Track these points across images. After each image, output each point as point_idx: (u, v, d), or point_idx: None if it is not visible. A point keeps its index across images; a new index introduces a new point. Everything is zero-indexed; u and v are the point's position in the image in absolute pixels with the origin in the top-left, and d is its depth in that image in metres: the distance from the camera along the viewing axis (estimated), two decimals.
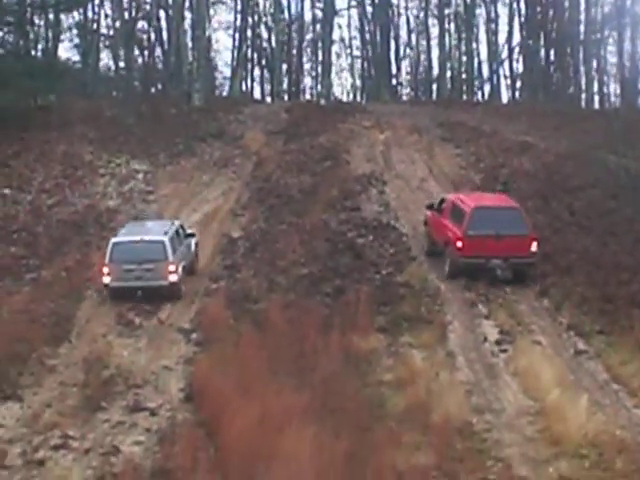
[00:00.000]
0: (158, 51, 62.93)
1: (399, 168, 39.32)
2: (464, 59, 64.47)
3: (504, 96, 64.97)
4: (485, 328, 24.75)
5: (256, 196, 35.99)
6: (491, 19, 64.30)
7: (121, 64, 55.84)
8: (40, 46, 53.86)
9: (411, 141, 43.14)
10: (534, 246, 27.32)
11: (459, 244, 27.26)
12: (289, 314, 24.70)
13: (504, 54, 65.30)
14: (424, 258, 29.82)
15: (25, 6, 48.40)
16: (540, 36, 61.46)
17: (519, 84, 65.11)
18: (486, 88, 65.71)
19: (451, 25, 65.47)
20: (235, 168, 39.70)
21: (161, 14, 61.11)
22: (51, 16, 53.29)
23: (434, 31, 65.14)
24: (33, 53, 51.99)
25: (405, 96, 67.86)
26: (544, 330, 24.62)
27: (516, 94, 64.73)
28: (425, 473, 17.19)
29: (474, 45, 64.31)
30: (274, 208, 34.43)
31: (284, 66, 64.28)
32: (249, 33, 64.45)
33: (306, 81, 69.57)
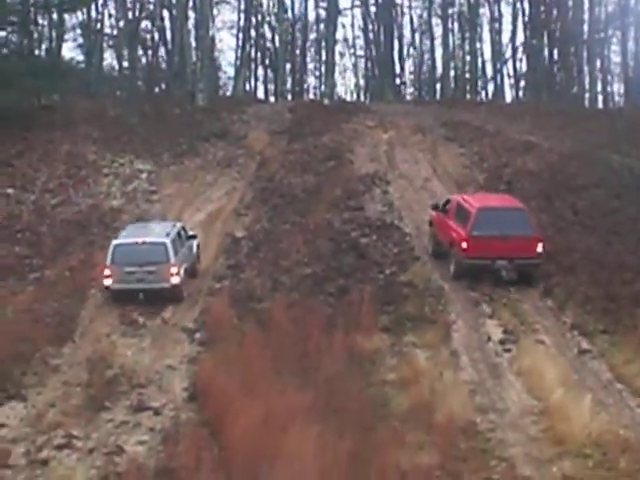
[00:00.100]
0: (162, 51, 62.85)
1: (403, 168, 39.30)
2: (468, 59, 64.40)
3: (508, 95, 64.91)
4: (489, 327, 24.74)
5: (260, 196, 35.99)
6: (495, 18, 64.18)
7: (125, 64, 55.84)
8: (44, 46, 53.74)
9: (415, 141, 43.11)
10: (540, 247, 27.17)
11: (464, 245, 27.12)
12: (293, 314, 24.70)
13: (508, 53, 65.20)
14: (428, 258, 29.80)
15: (29, 6, 48.37)
16: (544, 35, 61.31)
17: (523, 83, 65.01)
18: (490, 88, 65.66)
19: (455, 25, 65.49)
20: (239, 168, 39.70)
21: (165, 14, 61.02)
22: (55, 16, 53.12)
23: (438, 31, 65.21)
24: (37, 53, 51.88)
25: (409, 96, 67.78)
26: (548, 329, 24.61)
27: (520, 93, 64.66)
28: (429, 473, 17.21)
29: (478, 45, 64.19)
30: (278, 208, 34.43)
31: (288, 66, 64.21)
32: (253, 33, 64.31)
33: (310, 81, 69.50)
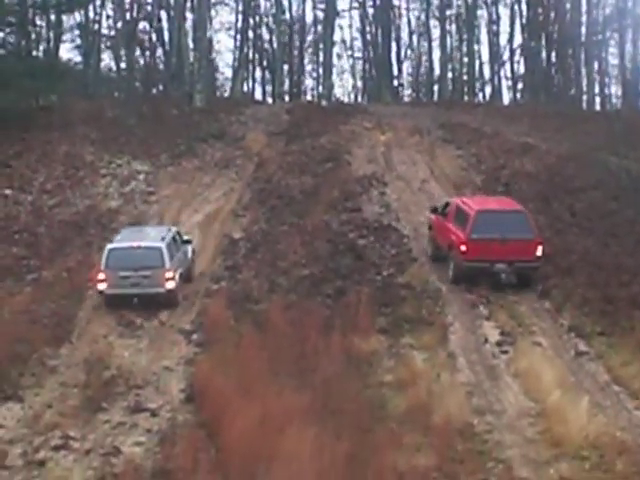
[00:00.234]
0: (159, 52, 62.95)
1: (400, 169, 39.31)
2: (465, 60, 64.51)
3: (505, 97, 65.12)
4: (486, 329, 24.73)
5: (257, 197, 35.99)
6: (492, 20, 64.33)
7: (122, 65, 55.96)
8: (41, 47, 53.82)
9: (412, 142, 43.13)
10: (539, 250, 26.97)
11: (463, 248, 26.90)
12: (290, 315, 24.69)
13: (505, 55, 65.44)
14: (425, 259, 29.80)
15: (26, 7, 48.35)
16: (541, 38, 61.45)
17: (520, 85, 65.14)
18: (487, 89, 65.81)
19: (452, 26, 65.63)
20: (236, 169, 39.70)
21: (162, 15, 61.22)
22: (52, 17, 53.20)
23: (435, 32, 65.32)
24: (34, 54, 51.91)
25: (406, 97, 67.85)
26: (545, 331, 24.61)
27: (517, 95, 64.77)
28: (426, 474, 17.20)
29: (475, 46, 64.35)
30: (275, 209, 34.43)
31: (285, 67, 64.31)
32: (250, 34, 64.47)
33: (307, 82, 69.70)
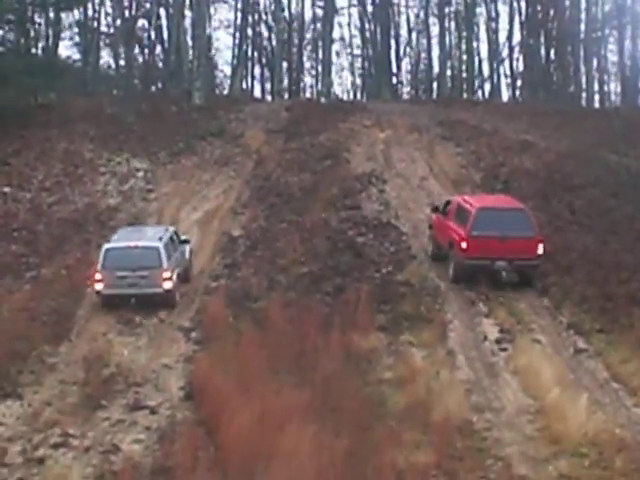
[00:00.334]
0: (158, 49, 62.87)
1: (399, 167, 39.30)
2: (464, 58, 64.42)
3: (504, 95, 65.01)
4: (485, 327, 24.75)
5: (256, 195, 35.98)
6: (491, 18, 64.23)
7: (121, 62, 55.82)
8: (40, 44, 53.82)
9: (411, 140, 43.11)
10: (540, 248, 26.91)
11: (463, 245, 26.86)
12: (289, 313, 24.69)
13: (504, 53, 65.32)
14: (424, 257, 29.80)
15: (26, 4, 48.37)
16: (541, 35, 61.39)
17: (519, 83, 65.06)
18: (486, 87, 65.71)
19: (451, 24, 65.52)
20: (235, 167, 39.69)
21: (161, 12, 61.11)
22: (51, 14, 53.22)
23: (434, 30, 65.19)
24: (33, 51, 51.94)
25: (405, 95, 67.80)
26: (544, 329, 24.62)
27: (516, 93, 64.72)
28: (425, 472, 17.20)
29: (474, 44, 64.27)
30: (274, 207, 34.43)
31: (284, 65, 64.21)
32: (249, 32, 64.38)
33: (306, 80, 69.60)
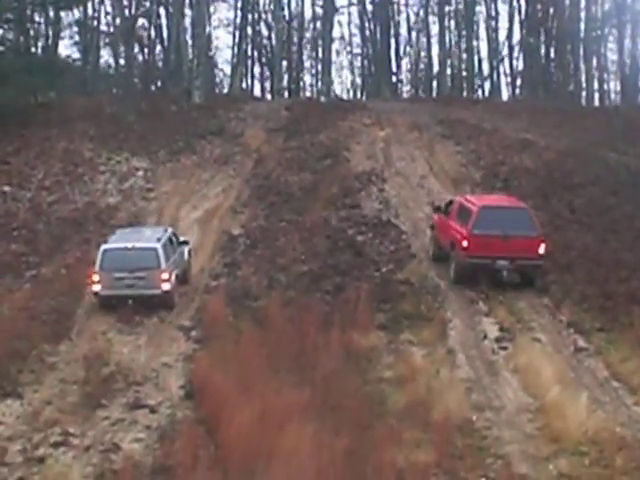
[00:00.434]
0: (158, 48, 62.94)
1: (399, 165, 39.28)
2: (464, 56, 64.36)
3: (504, 93, 65.04)
4: (485, 325, 24.75)
5: (256, 193, 35.97)
6: (491, 16, 64.26)
7: (121, 61, 55.79)
8: (40, 43, 53.88)
9: (411, 138, 43.09)
10: (542, 248, 26.74)
11: (464, 243, 26.70)
12: (289, 311, 24.69)
13: (504, 51, 65.34)
14: (424, 256, 29.79)
15: (25, 3, 48.32)
16: (540, 33, 61.40)
17: (519, 81, 65.05)
18: (486, 85, 65.74)
19: (451, 22, 65.53)
20: (235, 165, 39.67)
21: (161, 11, 61.18)
22: (51, 13, 53.26)
23: (434, 28, 65.21)
24: (33, 50, 51.97)
25: (405, 93, 67.87)
26: (544, 327, 24.62)
27: (516, 91, 64.72)
28: (425, 470, 17.20)
29: (474, 42, 64.21)
30: (274, 205, 34.43)
31: (284, 63, 64.19)
32: (249, 30, 64.38)
33: (306, 79, 69.70)
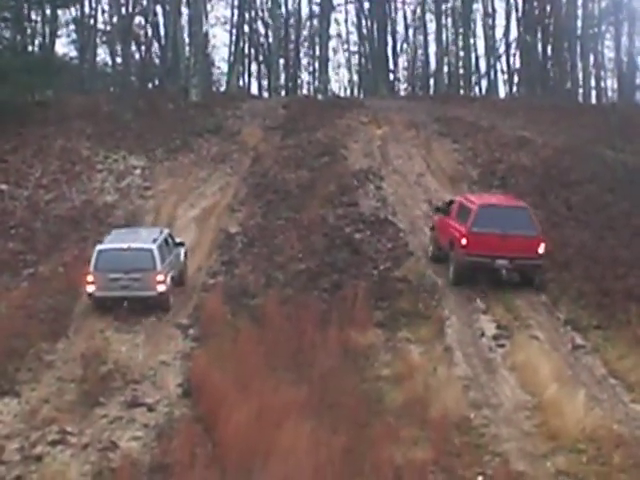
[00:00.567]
0: (155, 47, 62.87)
1: (396, 163, 39.27)
2: (461, 54, 64.31)
3: (501, 91, 65.00)
4: (483, 323, 24.76)
5: (253, 191, 35.96)
6: (488, 14, 64.13)
7: (118, 60, 55.58)
8: (37, 42, 53.75)
9: (408, 136, 43.08)
10: (542, 247, 26.56)
11: (463, 241, 26.52)
12: (287, 309, 24.71)
13: (501, 49, 65.31)
14: (422, 253, 29.80)
15: (22, 1, 48.23)
16: (537, 31, 61.41)
17: (516, 79, 65.05)
18: (483, 83, 65.74)
19: (448, 20, 65.44)
20: (232, 163, 39.64)
21: (158, 10, 61.10)
22: (48, 11, 53.12)
23: (431, 26, 65.05)
24: (30, 49, 51.83)
25: (402, 91, 67.79)
26: (541, 325, 24.64)
27: (513, 89, 64.71)
28: (423, 468, 17.22)
29: (471, 40, 64.14)
30: (271, 203, 34.41)
31: (281, 61, 64.15)
32: (246, 28, 64.28)
33: (303, 76, 69.52)
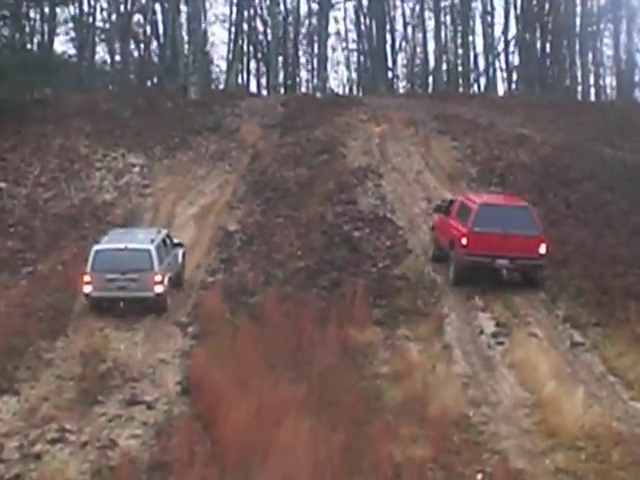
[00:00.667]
0: (154, 45, 62.83)
1: (395, 161, 39.28)
2: (460, 52, 64.28)
3: (500, 88, 64.93)
4: (481, 321, 24.76)
5: (252, 189, 35.97)
6: (487, 11, 64.08)
7: (117, 58, 55.73)
8: (36, 40, 53.80)
9: (407, 134, 43.08)
10: (543, 247, 26.33)
11: (464, 241, 26.30)
12: (286, 307, 24.72)
13: (500, 46, 65.28)
14: (421, 251, 29.80)
15: (21, 0, 48.27)
16: (536, 28, 61.37)
17: (515, 76, 65.04)
18: (482, 81, 65.62)
19: (447, 18, 65.42)
20: (231, 161, 39.65)
21: (157, 7, 61.04)
22: (47, 9, 53.16)
23: (430, 24, 65.11)
24: (29, 47, 51.90)
25: (401, 89, 67.80)
26: (540, 322, 24.64)
27: (512, 86, 64.67)
28: (422, 466, 17.21)
29: (470, 38, 64.02)
30: (270, 201, 34.42)
31: (280, 59, 64.13)
32: (245, 26, 64.23)
33: (302, 74, 69.52)
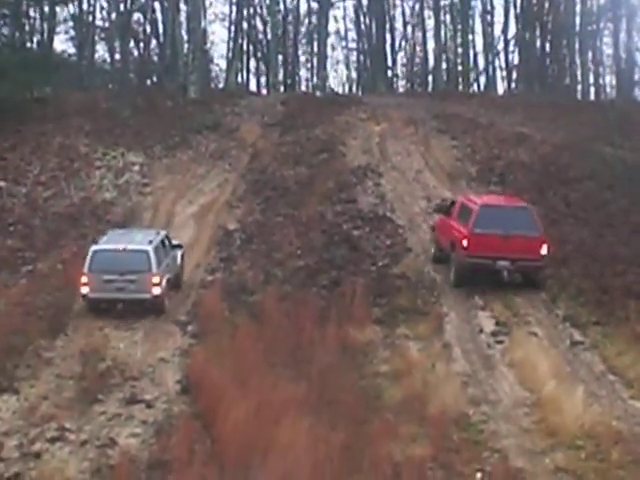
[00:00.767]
0: (154, 43, 62.91)
1: (395, 160, 39.29)
2: (460, 51, 64.30)
3: (500, 87, 64.92)
4: (481, 319, 24.75)
5: (252, 188, 35.97)
6: (487, 10, 64.10)
7: (117, 56, 55.78)
8: (36, 38, 53.84)
9: (407, 133, 43.08)
10: (544, 249, 26.20)
11: (465, 242, 26.18)
12: (285, 306, 24.71)
13: (500, 45, 65.29)
14: (420, 250, 29.81)
15: None
16: (536, 27, 61.37)
17: (515, 75, 65.03)
18: (482, 80, 65.62)
19: (447, 17, 65.42)
20: (231, 160, 39.66)
21: (156, 6, 61.11)
22: (46, 8, 53.19)
23: (430, 23, 65.17)
24: (29, 45, 51.96)
25: (401, 88, 67.83)
26: (540, 321, 24.63)
27: (512, 85, 64.68)
28: (421, 464, 17.19)
29: (470, 37, 64.05)
30: (270, 200, 34.42)
31: (280, 58, 64.14)
32: (245, 25, 64.24)
33: (302, 73, 69.54)
